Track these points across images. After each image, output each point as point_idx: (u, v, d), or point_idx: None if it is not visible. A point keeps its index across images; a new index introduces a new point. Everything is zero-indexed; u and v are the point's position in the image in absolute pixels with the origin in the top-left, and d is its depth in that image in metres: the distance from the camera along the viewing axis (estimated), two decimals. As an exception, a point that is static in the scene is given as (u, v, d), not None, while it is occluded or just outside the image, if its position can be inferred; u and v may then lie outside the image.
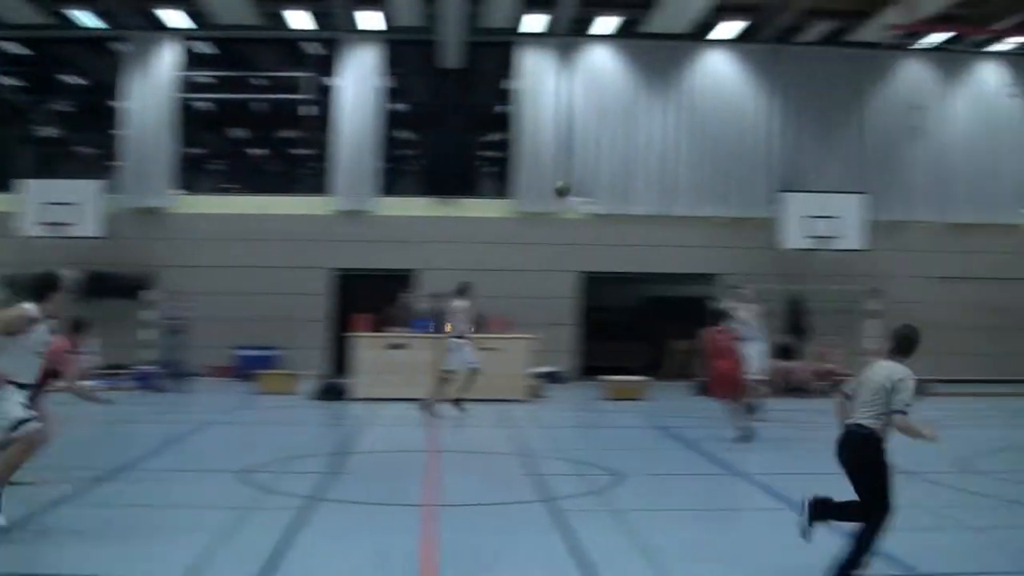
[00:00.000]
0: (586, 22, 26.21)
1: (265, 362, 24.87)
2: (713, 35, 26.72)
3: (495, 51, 27.97)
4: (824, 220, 25.43)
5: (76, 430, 18.03)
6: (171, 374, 22.61)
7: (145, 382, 23.04)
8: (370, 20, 26.14)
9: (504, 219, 26.95)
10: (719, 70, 27.54)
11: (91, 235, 25.33)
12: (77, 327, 12.35)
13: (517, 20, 25.89)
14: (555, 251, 26.43)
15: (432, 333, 21.26)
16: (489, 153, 29.67)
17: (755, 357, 16.42)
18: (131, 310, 24.29)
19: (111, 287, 25.31)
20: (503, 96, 28.22)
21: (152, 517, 10.50)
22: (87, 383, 13.55)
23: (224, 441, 16.46)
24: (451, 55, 26.47)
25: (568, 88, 27.14)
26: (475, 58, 27.71)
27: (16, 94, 28.24)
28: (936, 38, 26.00)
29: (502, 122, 28.03)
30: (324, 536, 9.40)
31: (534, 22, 26.01)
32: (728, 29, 26.44)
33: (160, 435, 16.18)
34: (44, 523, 9.92)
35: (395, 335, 21.95)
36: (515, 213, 26.92)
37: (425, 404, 18.35)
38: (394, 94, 28.07)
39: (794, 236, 25.64)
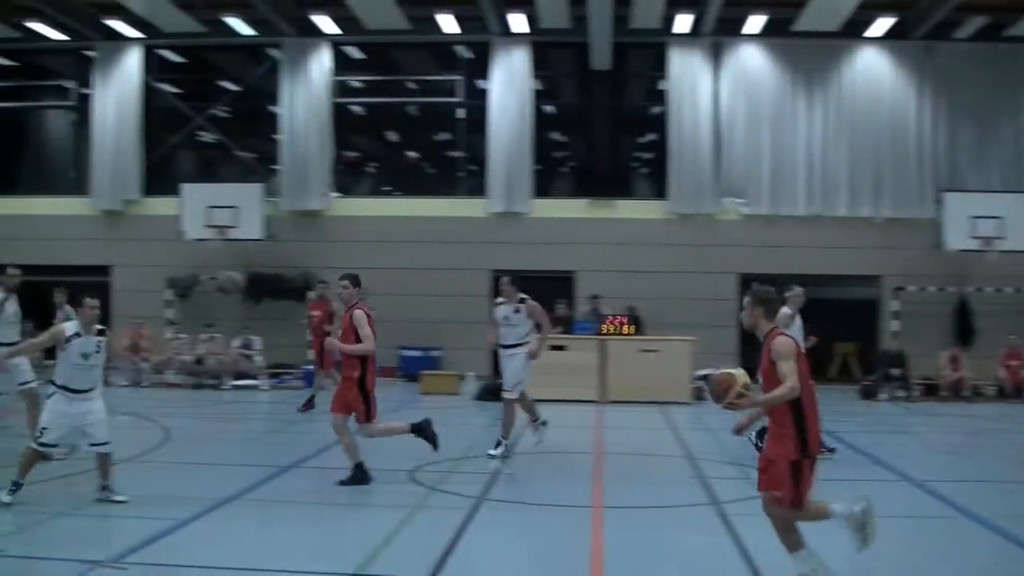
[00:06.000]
0: (736, 21, 25.94)
1: (427, 363, 25.31)
2: (864, 32, 26.12)
3: (644, 52, 28.01)
4: (989, 220, 24.84)
5: (247, 428, 18.72)
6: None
7: (310, 381, 23.62)
8: (519, 22, 26.36)
9: (659, 220, 26.82)
10: (871, 68, 26.80)
11: (252, 238, 26.14)
12: None
13: (665, 20, 25.81)
14: (711, 252, 26.22)
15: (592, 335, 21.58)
16: (641, 154, 29.65)
17: None
18: (297, 311, 24.91)
19: (275, 288, 26.01)
20: (654, 97, 28.19)
21: (325, 513, 10.86)
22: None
23: (389, 441, 16.75)
24: (600, 56, 26.47)
25: (719, 88, 26.88)
26: (624, 59, 27.77)
27: (177, 101, 29.10)
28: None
29: (654, 123, 27.96)
30: (491, 536, 9.56)
31: (683, 22, 25.84)
32: (879, 26, 25.85)
33: (324, 434, 16.56)
34: (220, 517, 10.34)
35: (556, 337, 22.13)
36: (670, 214, 26.80)
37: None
38: (545, 96, 28.29)
39: (957, 237, 25.07)
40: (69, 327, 10.67)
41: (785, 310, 15.10)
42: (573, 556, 8.92)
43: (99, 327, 10.81)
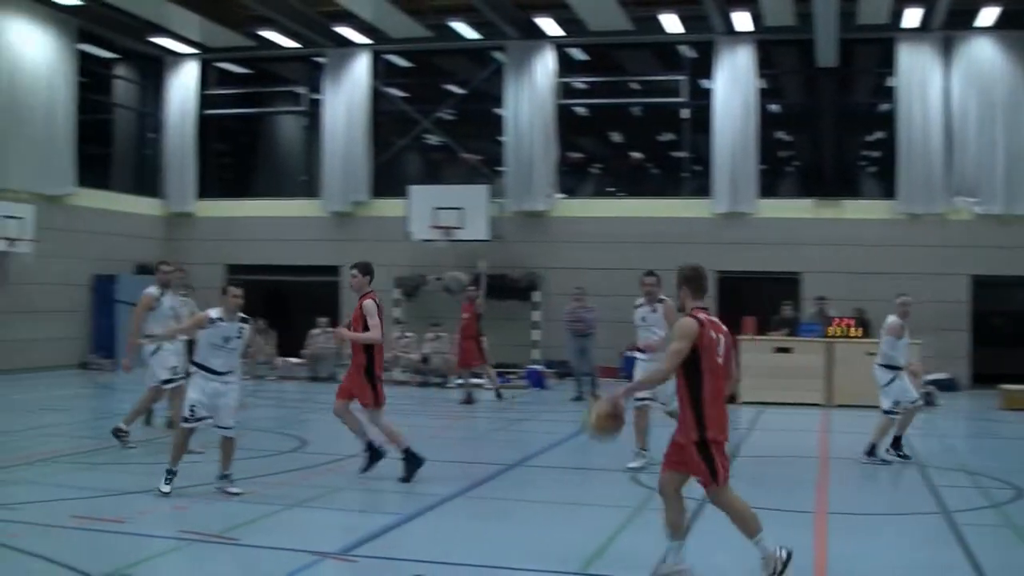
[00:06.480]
0: (967, 14, 25.04)
1: (650, 364, 25.22)
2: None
3: (872, 47, 27.47)
4: None
5: (471, 425, 19.05)
6: (581, 376, 22.33)
7: (535, 380, 24.07)
8: (743, 21, 26.08)
9: (887, 220, 26.16)
10: (1112, 60, 25.60)
11: (478, 238, 26.51)
12: None
13: (894, 15, 25.13)
14: (943, 253, 25.41)
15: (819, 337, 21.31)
16: (869, 153, 29.05)
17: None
18: (522, 311, 25.28)
19: (502, 288, 26.36)
20: (882, 94, 27.61)
21: (547, 511, 10.97)
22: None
23: (614, 442, 16.82)
24: (826, 53, 25.92)
25: (950, 83, 26.05)
26: (851, 55, 27.26)
27: (403, 104, 29.83)
28: None
29: (882, 120, 27.36)
30: (713, 540, 9.49)
31: (912, 16, 25.08)
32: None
33: (548, 433, 16.79)
34: (444, 513, 10.55)
35: (782, 339, 21.87)
36: (899, 214, 26.11)
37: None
38: (770, 94, 27.99)
39: None
40: (213, 312, 11.21)
41: (893, 318, 14.55)
42: (797, 562, 8.79)
43: (242, 315, 11.36)
